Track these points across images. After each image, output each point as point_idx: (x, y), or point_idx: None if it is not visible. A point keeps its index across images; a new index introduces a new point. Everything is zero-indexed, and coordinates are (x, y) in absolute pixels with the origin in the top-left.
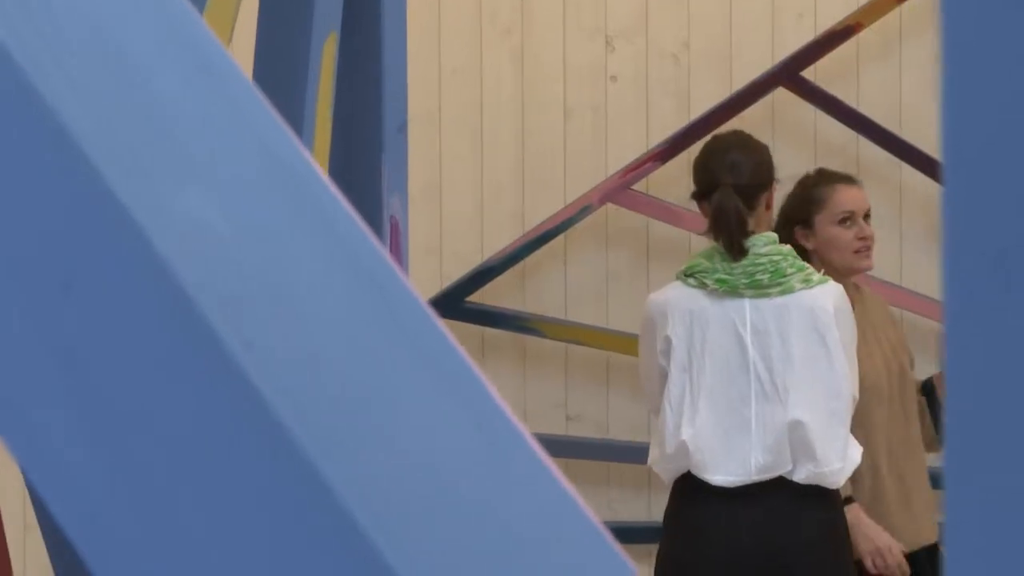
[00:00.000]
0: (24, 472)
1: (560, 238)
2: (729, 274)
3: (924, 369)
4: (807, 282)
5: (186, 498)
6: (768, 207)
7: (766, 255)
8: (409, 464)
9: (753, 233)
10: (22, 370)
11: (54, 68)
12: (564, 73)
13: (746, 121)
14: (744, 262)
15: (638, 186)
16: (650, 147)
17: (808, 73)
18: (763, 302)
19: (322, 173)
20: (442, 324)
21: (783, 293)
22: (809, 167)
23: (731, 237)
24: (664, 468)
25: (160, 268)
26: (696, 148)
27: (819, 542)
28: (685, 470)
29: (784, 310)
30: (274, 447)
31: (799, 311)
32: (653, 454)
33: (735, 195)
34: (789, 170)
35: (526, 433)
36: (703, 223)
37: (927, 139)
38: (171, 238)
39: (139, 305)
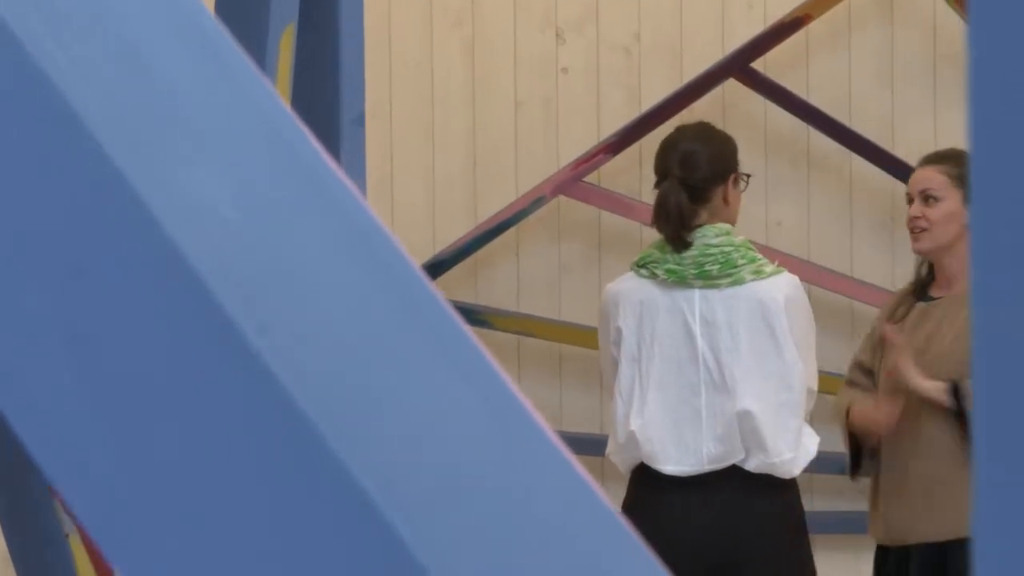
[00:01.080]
0: (36, 458)
1: (512, 230)
2: (679, 264)
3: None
4: (759, 273)
5: (201, 482)
6: (727, 201)
7: (717, 246)
8: (424, 445)
9: (699, 226)
10: (34, 355)
11: (60, 53)
12: (515, 65)
13: (696, 113)
14: (694, 253)
15: (590, 178)
16: (601, 139)
17: (758, 64)
18: (713, 293)
19: (327, 156)
20: (449, 305)
21: (733, 284)
22: (759, 158)
23: (671, 229)
24: (618, 458)
25: (172, 252)
26: (647, 140)
27: (773, 531)
28: (638, 460)
29: (734, 301)
30: (289, 429)
31: (749, 302)
32: (609, 444)
33: (680, 188)
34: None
35: (537, 416)
36: None
37: (876, 129)
38: (182, 222)
39: (152, 289)
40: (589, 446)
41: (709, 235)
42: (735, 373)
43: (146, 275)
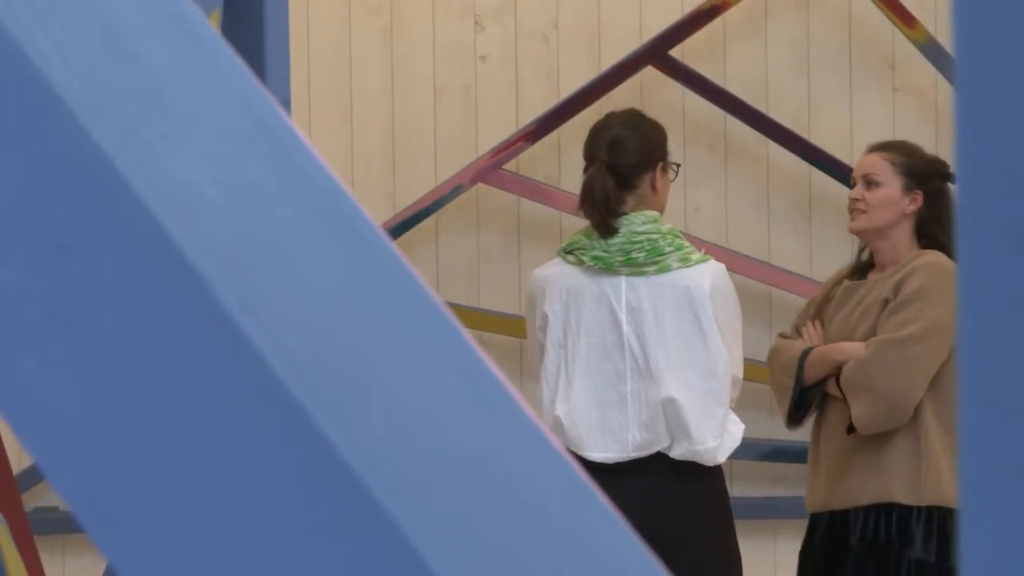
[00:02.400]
0: (20, 437)
1: (431, 218)
2: (605, 251)
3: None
4: (685, 261)
5: (188, 459)
6: (655, 189)
7: (644, 233)
8: (408, 422)
9: (624, 213)
10: (19, 333)
11: (41, 33)
12: (433, 53)
13: (615, 100)
14: (620, 240)
15: (509, 165)
16: (520, 127)
17: (676, 52)
18: (639, 280)
19: (303, 136)
20: (425, 282)
21: (659, 272)
22: (677, 145)
23: (597, 214)
24: None
25: (156, 230)
26: (566, 127)
27: (698, 517)
28: (563, 447)
29: (659, 288)
30: (274, 406)
31: (674, 290)
32: None
33: (607, 173)
34: None
35: (513, 390)
36: (574, 202)
37: (792, 117)
38: (166, 202)
39: (136, 267)
40: None
41: (636, 222)
42: (660, 361)
43: (130, 253)
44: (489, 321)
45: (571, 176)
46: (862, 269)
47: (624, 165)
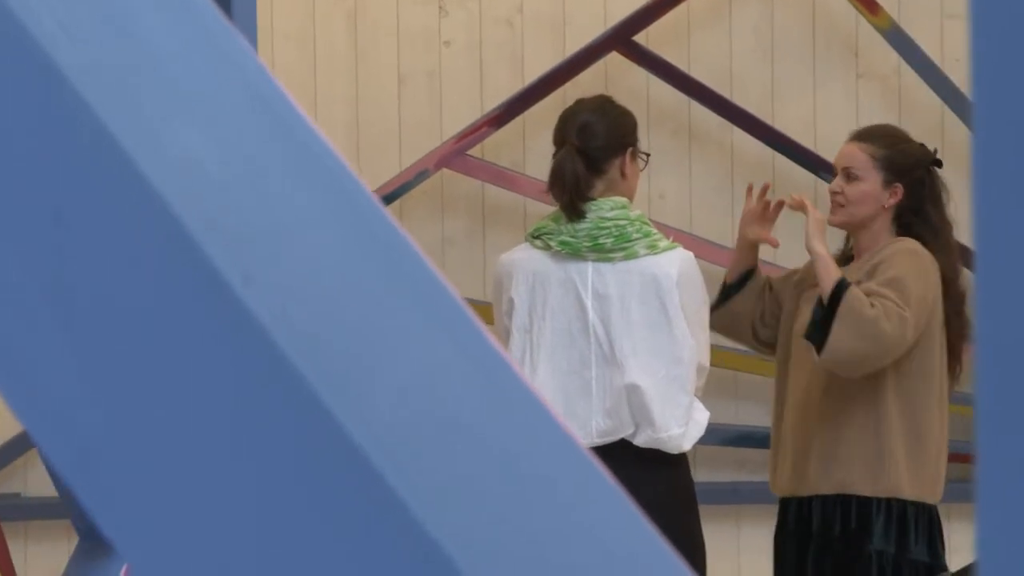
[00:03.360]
0: (16, 412)
1: (396, 204)
2: (573, 236)
3: None
4: (652, 248)
5: (185, 434)
6: (624, 175)
7: (612, 219)
8: (410, 396)
9: (593, 198)
10: (17, 308)
11: (43, 10)
12: (398, 38)
13: (580, 86)
14: (588, 225)
15: (473, 151)
16: (485, 112)
17: (640, 38)
18: (606, 266)
19: (302, 110)
20: (425, 254)
21: (627, 258)
22: (642, 131)
23: (567, 196)
24: None
25: (156, 202)
26: (531, 113)
27: (663, 505)
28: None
29: (626, 275)
30: (276, 379)
31: (641, 276)
32: None
33: (577, 157)
34: None
35: (513, 364)
36: (539, 188)
37: (757, 103)
38: (165, 173)
39: (136, 238)
40: None
41: (604, 208)
42: (624, 347)
43: (131, 226)
44: None
45: (536, 162)
46: (849, 257)
47: (594, 148)
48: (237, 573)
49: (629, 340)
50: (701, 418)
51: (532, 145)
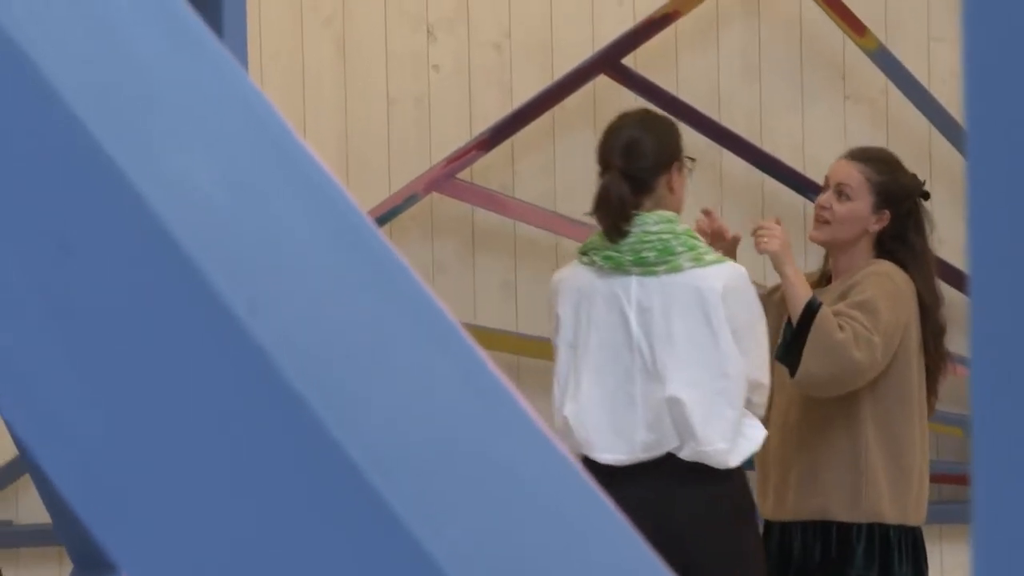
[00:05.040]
0: (22, 437)
1: (385, 228)
2: (617, 251)
3: None
4: (698, 260)
5: (191, 461)
6: (672, 189)
7: (656, 233)
8: (411, 419)
9: (638, 213)
10: (22, 332)
11: (39, 32)
12: (387, 63)
13: (568, 109)
14: (632, 240)
15: (463, 175)
16: (474, 136)
17: (628, 60)
18: (650, 280)
19: (299, 135)
20: (420, 278)
21: (670, 271)
22: None
23: (611, 220)
24: None
25: (159, 229)
26: (520, 136)
27: (709, 517)
28: (573, 448)
29: (670, 288)
30: (280, 405)
31: (685, 290)
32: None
33: (623, 180)
34: None
35: (510, 386)
36: (528, 211)
37: (745, 124)
38: (168, 201)
39: (140, 267)
40: None
41: (649, 222)
42: (666, 360)
43: (133, 252)
44: None
45: (525, 185)
46: (827, 277)
47: (640, 169)
48: None
49: (671, 353)
50: (754, 434)
51: (521, 168)
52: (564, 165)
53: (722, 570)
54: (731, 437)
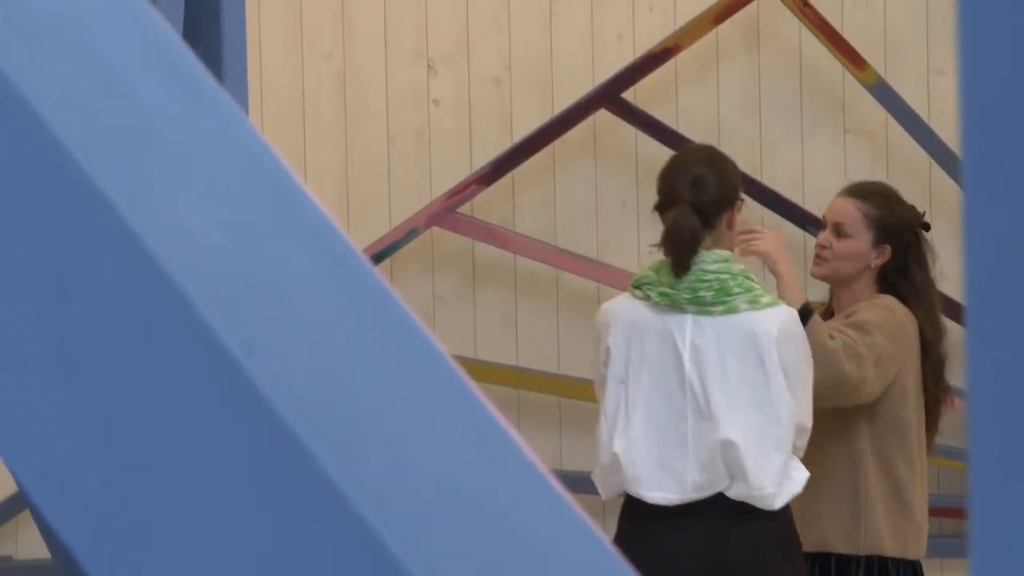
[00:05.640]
0: (21, 481)
1: (386, 262)
2: (673, 288)
3: None
4: (754, 303)
5: (189, 503)
6: (730, 226)
7: (713, 272)
8: (409, 462)
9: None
10: (21, 378)
11: (38, 75)
12: (387, 97)
13: (568, 143)
14: (690, 278)
15: (463, 209)
16: (474, 170)
17: (628, 95)
18: (705, 319)
19: (300, 179)
20: (421, 322)
21: (727, 312)
22: (631, 188)
23: (680, 255)
24: (600, 481)
25: (158, 273)
26: (520, 170)
27: (759, 557)
28: (620, 485)
29: (725, 329)
30: (278, 447)
31: (740, 332)
32: (594, 467)
33: (692, 214)
34: (611, 191)
35: (510, 429)
36: (529, 245)
37: (744, 158)
38: (167, 244)
39: (139, 310)
40: None
41: (707, 261)
42: (720, 401)
43: (133, 295)
44: None
45: (525, 219)
46: (830, 312)
47: (706, 204)
48: None
49: (725, 395)
50: (799, 477)
51: (521, 202)
52: (564, 199)
53: None
54: (779, 481)
